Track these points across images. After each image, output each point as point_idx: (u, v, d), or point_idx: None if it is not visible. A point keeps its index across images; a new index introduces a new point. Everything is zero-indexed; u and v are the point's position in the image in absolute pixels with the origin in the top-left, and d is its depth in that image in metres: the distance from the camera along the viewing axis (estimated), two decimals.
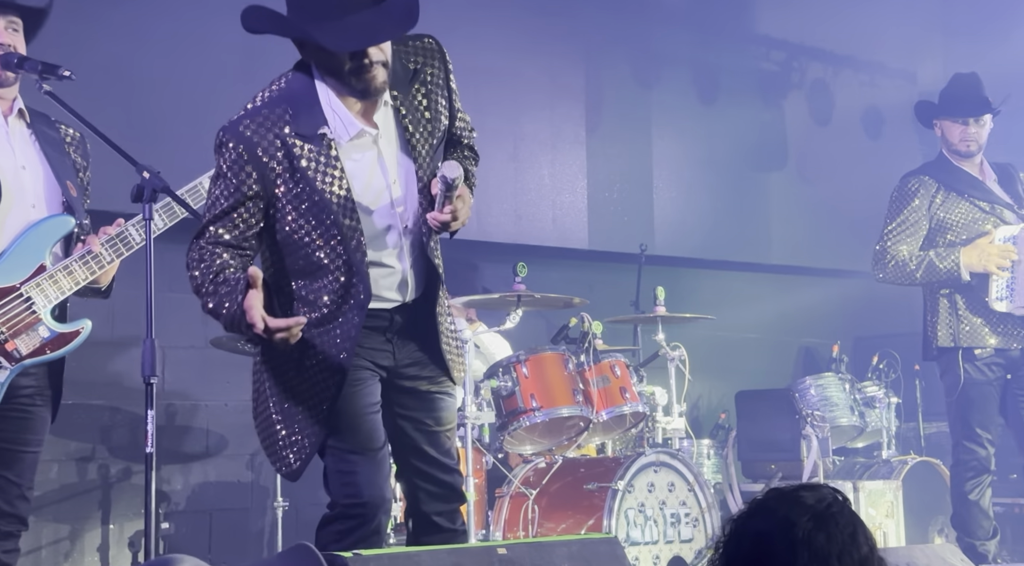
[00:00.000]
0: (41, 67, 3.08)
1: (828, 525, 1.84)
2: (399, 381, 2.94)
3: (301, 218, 2.73)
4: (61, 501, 4.95)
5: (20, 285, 3.06)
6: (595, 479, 4.55)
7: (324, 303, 2.78)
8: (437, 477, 2.97)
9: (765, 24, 7.34)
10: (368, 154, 2.80)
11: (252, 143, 2.72)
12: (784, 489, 1.96)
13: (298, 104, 2.77)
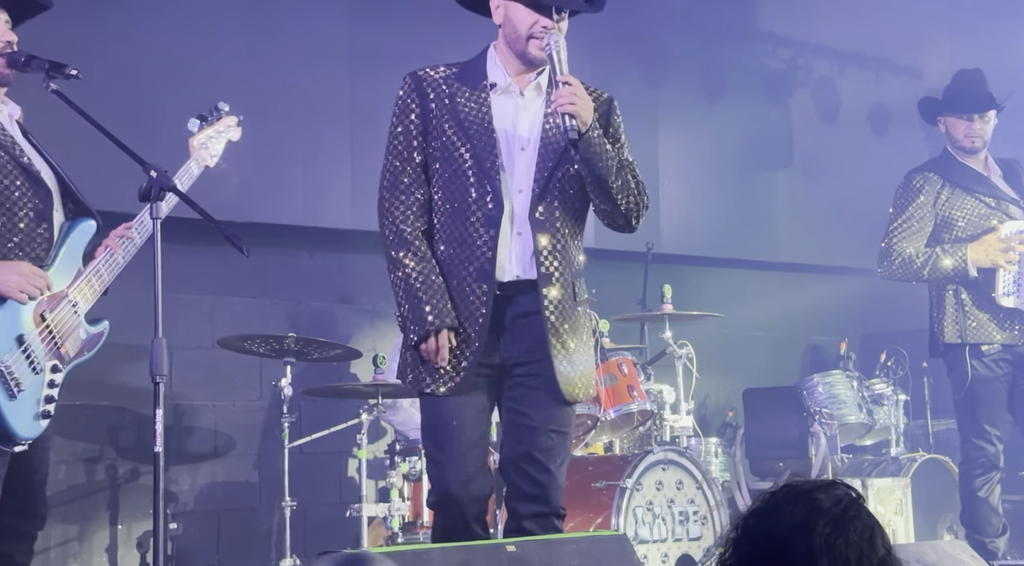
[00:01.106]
0: (48, 66, 3.07)
1: (847, 530, 1.81)
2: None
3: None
4: (69, 502, 4.95)
5: (68, 290, 3.12)
6: (603, 477, 4.55)
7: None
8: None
9: (771, 22, 7.33)
10: (509, 106, 3.11)
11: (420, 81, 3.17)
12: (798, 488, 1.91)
13: (466, 65, 3.21)
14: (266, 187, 5.41)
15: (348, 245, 5.82)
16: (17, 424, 2.94)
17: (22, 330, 2.96)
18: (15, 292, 2.93)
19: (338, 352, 4.94)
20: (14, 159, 3.05)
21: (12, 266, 2.96)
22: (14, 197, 3.02)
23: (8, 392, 2.89)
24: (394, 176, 3.14)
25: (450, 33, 6.12)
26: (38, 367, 2.99)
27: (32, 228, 3.05)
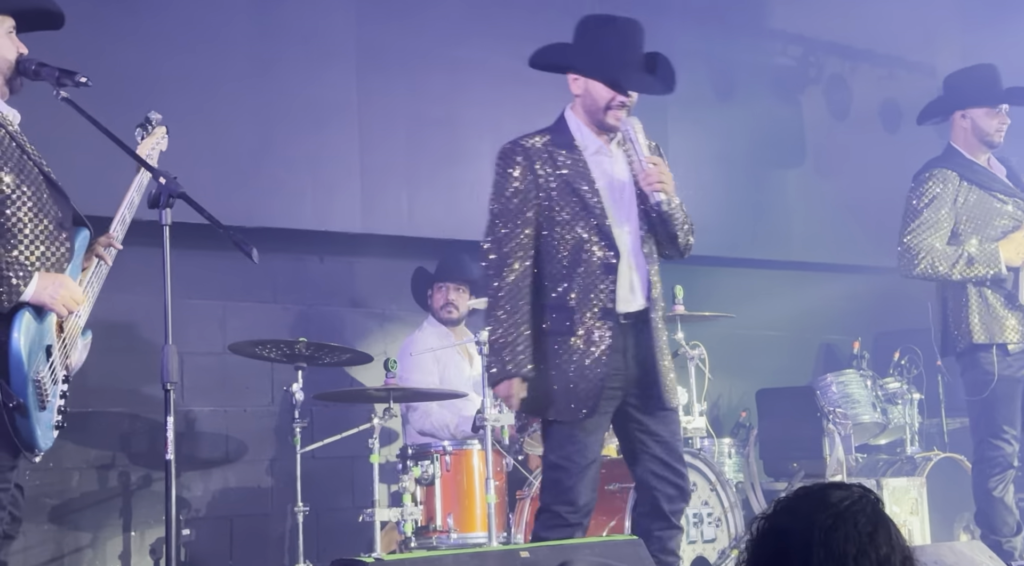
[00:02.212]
0: (58, 74, 3.07)
1: (846, 524, 1.80)
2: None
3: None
4: (82, 509, 4.95)
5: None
6: (616, 480, 4.52)
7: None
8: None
9: (781, 19, 7.29)
10: (605, 163, 3.60)
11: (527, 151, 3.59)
12: (812, 487, 1.93)
13: (552, 130, 3.67)
14: (275, 191, 5.40)
15: (358, 249, 5.81)
16: (43, 435, 2.96)
17: (49, 342, 2.99)
18: (60, 306, 2.94)
19: (349, 356, 4.93)
20: (38, 167, 3.06)
21: (56, 279, 2.96)
22: (46, 210, 3.03)
23: (40, 403, 2.91)
24: (509, 238, 3.57)
25: (458, 34, 6.12)
26: (56, 378, 3.01)
27: (54, 236, 3.05)
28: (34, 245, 3.00)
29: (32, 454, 2.97)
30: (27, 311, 2.90)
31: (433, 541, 4.54)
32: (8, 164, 2.98)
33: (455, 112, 6.02)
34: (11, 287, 2.87)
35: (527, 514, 4.61)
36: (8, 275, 2.88)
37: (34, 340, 2.91)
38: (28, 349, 2.87)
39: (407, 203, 5.83)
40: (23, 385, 2.85)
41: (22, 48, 3.13)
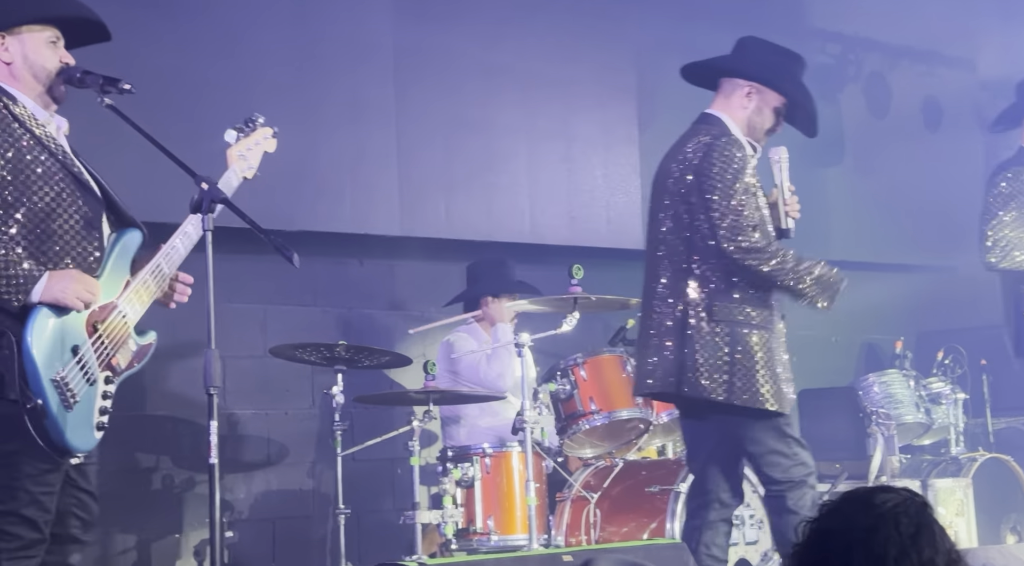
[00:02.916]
0: (103, 81, 3.09)
1: (887, 526, 1.79)
2: None
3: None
4: (127, 511, 4.99)
5: (117, 300, 3.10)
6: (657, 482, 4.51)
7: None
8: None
9: (819, 17, 7.24)
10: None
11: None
12: (858, 490, 1.92)
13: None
14: (314, 195, 5.43)
15: (397, 252, 5.83)
16: (73, 436, 2.92)
17: (77, 341, 2.95)
18: (72, 299, 2.92)
19: (388, 359, 4.95)
20: (65, 167, 3.06)
21: (67, 274, 2.95)
22: (65, 204, 3.03)
23: (64, 403, 2.88)
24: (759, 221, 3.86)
25: (495, 38, 6.13)
26: (92, 378, 2.98)
27: (82, 236, 3.06)
28: (53, 243, 3.00)
29: (64, 457, 2.94)
30: (42, 310, 2.89)
31: (474, 543, 4.55)
32: (9, 152, 2.98)
33: (491, 115, 6.03)
34: (18, 285, 2.88)
35: (567, 516, 4.61)
36: (15, 273, 2.88)
37: (52, 339, 2.90)
38: (43, 349, 2.86)
39: (445, 206, 5.85)
40: (40, 386, 2.84)
41: (67, 58, 3.15)
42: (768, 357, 3.73)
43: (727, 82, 3.95)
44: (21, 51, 3.09)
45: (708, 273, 3.75)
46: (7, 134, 2.98)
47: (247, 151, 3.51)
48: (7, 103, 3.03)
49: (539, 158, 6.22)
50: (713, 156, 3.76)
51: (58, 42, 3.15)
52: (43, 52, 3.11)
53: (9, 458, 2.91)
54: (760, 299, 3.79)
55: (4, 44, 3.08)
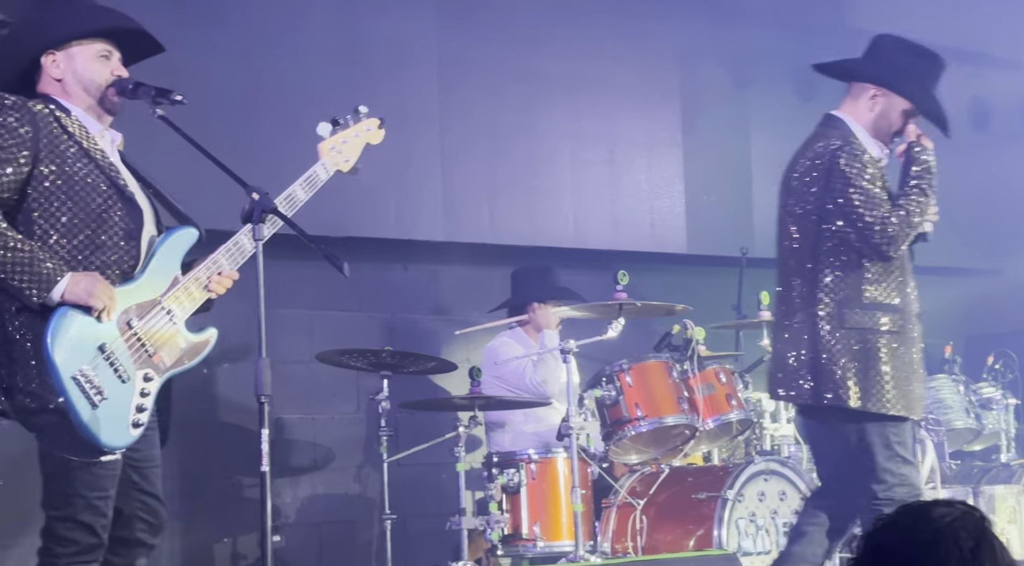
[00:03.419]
0: (155, 92, 3.13)
1: (946, 540, 1.77)
2: None
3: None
4: (175, 516, 5.03)
5: (161, 297, 3.09)
6: (704, 488, 4.49)
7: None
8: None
9: (864, 17, 7.16)
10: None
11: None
12: (914, 504, 1.90)
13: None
14: (359, 202, 5.46)
15: (441, 257, 5.85)
16: (102, 433, 2.89)
17: (104, 339, 2.94)
18: (94, 299, 2.91)
19: (434, 365, 4.96)
20: (110, 180, 3.10)
21: (90, 275, 2.96)
22: (106, 216, 3.06)
23: (89, 401, 2.87)
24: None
25: (537, 44, 6.13)
26: (125, 376, 2.96)
27: (122, 247, 3.08)
28: (94, 253, 3.03)
29: (95, 455, 2.92)
30: (63, 309, 2.90)
31: (520, 549, 4.55)
32: (55, 163, 3.02)
33: (535, 120, 6.04)
34: (39, 282, 2.89)
35: (613, 523, 4.60)
36: (38, 270, 2.89)
37: (75, 337, 2.89)
38: (63, 347, 2.86)
39: (488, 211, 5.86)
40: (61, 384, 2.84)
41: (120, 71, 3.19)
42: (896, 363, 3.69)
43: (855, 84, 3.94)
44: (71, 67, 3.14)
45: (839, 279, 3.74)
46: (55, 145, 3.03)
47: (342, 144, 3.49)
48: (59, 116, 3.08)
49: (582, 162, 6.21)
50: (841, 161, 3.75)
51: (111, 56, 3.19)
52: (92, 66, 3.15)
53: (62, 465, 2.94)
54: (890, 305, 3.76)
55: (55, 61, 3.13)
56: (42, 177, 2.99)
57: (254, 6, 5.24)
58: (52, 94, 3.12)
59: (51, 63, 3.12)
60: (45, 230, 2.99)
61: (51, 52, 3.12)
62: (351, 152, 3.51)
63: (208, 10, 5.09)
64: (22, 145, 2.96)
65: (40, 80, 3.14)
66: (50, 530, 3.00)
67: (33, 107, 3.02)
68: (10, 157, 2.94)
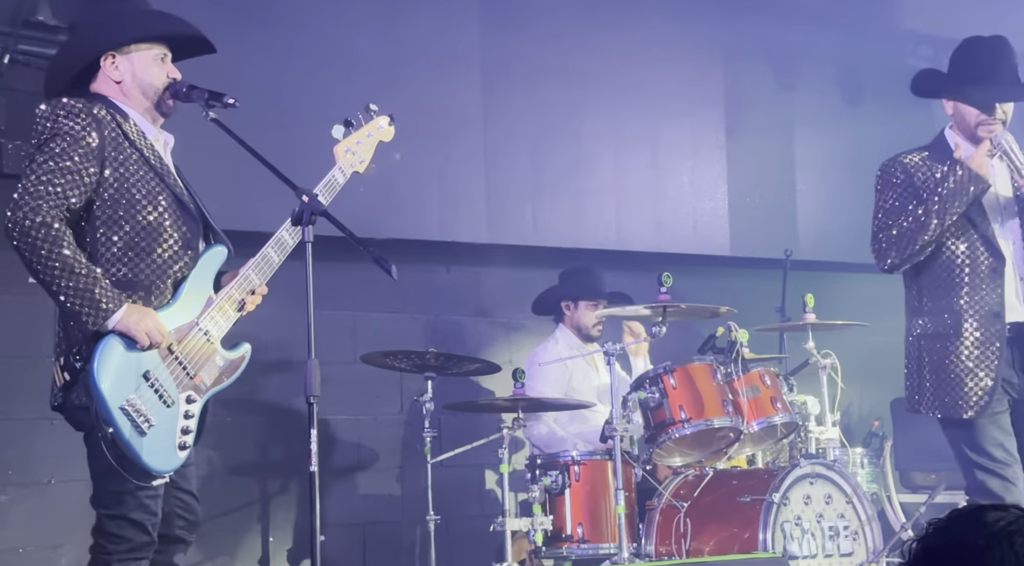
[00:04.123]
0: (208, 95, 3.16)
1: (1002, 545, 1.75)
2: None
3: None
4: (222, 515, 5.09)
5: (197, 319, 3.13)
6: (748, 491, 4.45)
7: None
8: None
9: (911, 18, 7.10)
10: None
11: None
12: (967, 508, 1.88)
13: (931, 148, 4.05)
14: (403, 204, 5.49)
15: (483, 259, 5.87)
16: (152, 459, 2.95)
17: (147, 366, 2.97)
18: (141, 333, 2.95)
19: (477, 366, 4.97)
20: (168, 188, 3.13)
21: (143, 310, 2.98)
22: (165, 225, 3.10)
23: (138, 429, 2.92)
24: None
25: (580, 46, 6.13)
26: (169, 400, 3.00)
27: (179, 255, 3.12)
28: (153, 261, 3.06)
29: (145, 479, 2.97)
30: (110, 339, 2.93)
31: (563, 551, 4.55)
32: (118, 170, 3.05)
33: (578, 122, 6.04)
34: (100, 311, 2.92)
35: (657, 525, 4.58)
36: (98, 298, 2.92)
37: (121, 367, 2.93)
38: (110, 378, 2.90)
39: (531, 213, 5.87)
40: (109, 414, 2.88)
41: (174, 73, 3.23)
42: (940, 364, 3.89)
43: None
44: (131, 70, 3.17)
45: (910, 290, 4.08)
46: (118, 153, 3.06)
47: (356, 145, 3.51)
48: (120, 122, 3.10)
49: (626, 164, 6.20)
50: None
51: (166, 58, 3.23)
52: (151, 69, 3.18)
53: (114, 467, 2.97)
54: (935, 308, 3.93)
55: (115, 63, 3.17)
56: (107, 185, 3.02)
57: (298, 7, 5.28)
58: (109, 96, 3.15)
59: (111, 65, 3.16)
60: (108, 237, 3.03)
61: (111, 54, 3.15)
62: (365, 152, 3.55)
63: (253, 11, 5.13)
64: (90, 155, 3.00)
65: (96, 80, 3.17)
66: (102, 528, 3.04)
67: (98, 113, 3.05)
68: (80, 168, 2.97)
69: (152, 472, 2.97)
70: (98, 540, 3.05)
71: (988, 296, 3.83)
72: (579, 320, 5.46)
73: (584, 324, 5.44)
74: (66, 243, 2.92)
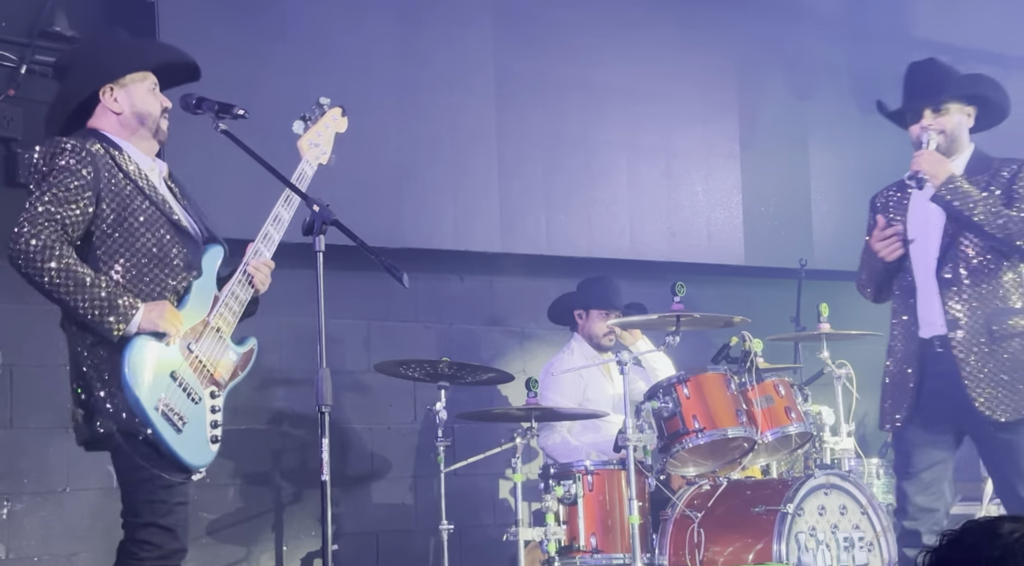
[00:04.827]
0: (218, 107, 3.23)
1: (1016, 557, 1.75)
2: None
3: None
4: (236, 523, 5.11)
5: (208, 318, 3.21)
6: (762, 502, 4.43)
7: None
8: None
9: (926, 27, 7.08)
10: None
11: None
12: (981, 520, 1.87)
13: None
14: (417, 213, 5.51)
15: (497, 268, 5.87)
16: (189, 455, 3.07)
17: (174, 365, 3.07)
18: (167, 325, 3.04)
19: (490, 375, 4.97)
20: (165, 215, 3.21)
21: (160, 304, 3.08)
22: (171, 254, 3.18)
23: (174, 427, 3.02)
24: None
25: (593, 57, 6.14)
26: (196, 397, 3.10)
27: (182, 277, 3.20)
28: (155, 285, 3.14)
29: (186, 475, 3.08)
30: (137, 341, 3.00)
31: (577, 561, 4.53)
32: (115, 202, 3.13)
33: (592, 132, 6.04)
34: (120, 316, 2.99)
35: (671, 535, 4.56)
36: (118, 305, 3.00)
37: (151, 368, 3.01)
38: (143, 380, 2.98)
39: (545, 223, 5.88)
40: (146, 416, 2.97)
41: (166, 102, 3.32)
42: (888, 380, 4.06)
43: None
44: (129, 101, 3.26)
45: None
46: (114, 184, 3.14)
47: (317, 137, 3.60)
48: (114, 154, 3.19)
49: (639, 174, 6.20)
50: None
51: (156, 88, 3.32)
52: (147, 99, 3.27)
53: (144, 474, 3.04)
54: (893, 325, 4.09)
55: (114, 96, 3.25)
56: (103, 217, 3.11)
57: (316, 22, 5.31)
58: (104, 129, 3.23)
59: (110, 98, 3.24)
60: (110, 266, 3.10)
61: (109, 87, 3.24)
62: (326, 144, 3.64)
63: (270, 25, 5.17)
64: (85, 187, 3.07)
65: (94, 115, 3.25)
66: (134, 536, 3.10)
67: (91, 148, 3.13)
68: (76, 198, 3.05)
69: (191, 468, 3.09)
70: (130, 548, 3.10)
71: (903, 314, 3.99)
72: (590, 329, 5.46)
73: (594, 333, 5.44)
74: (71, 260, 3.00)
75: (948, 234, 3.90)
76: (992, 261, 3.88)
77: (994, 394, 3.79)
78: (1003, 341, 3.82)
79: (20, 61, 4.72)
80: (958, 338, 3.84)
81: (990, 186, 3.92)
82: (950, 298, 3.87)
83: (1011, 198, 3.88)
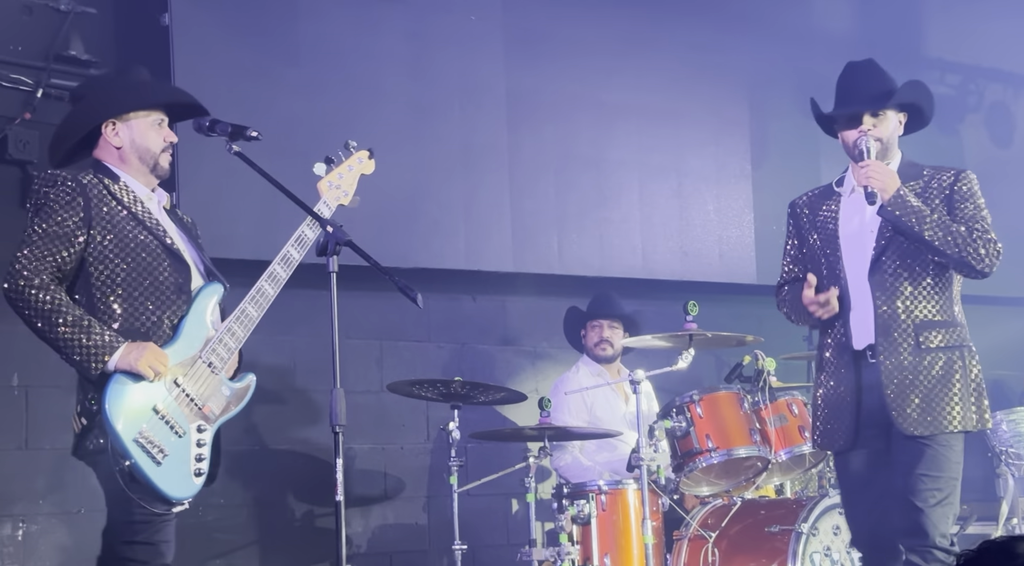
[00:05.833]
0: (231, 129, 3.26)
1: None
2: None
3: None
4: (250, 544, 5.11)
5: (200, 353, 3.24)
6: (777, 521, 4.43)
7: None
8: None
9: (937, 46, 7.09)
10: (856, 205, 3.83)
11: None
12: (996, 540, 1.88)
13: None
14: (429, 233, 5.52)
15: (509, 288, 5.88)
16: (168, 487, 3.09)
17: (156, 400, 3.10)
18: (144, 367, 3.08)
19: (503, 395, 4.98)
20: (157, 238, 3.26)
21: (142, 345, 3.11)
22: (164, 278, 3.23)
23: (153, 460, 3.05)
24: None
25: (605, 77, 6.16)
26: (180, 431, 3.13)
27: (172, 301, 3.24)
28: (149, 308, 3.19)
29: (166, 506, 3.11)
30: (117, 377, 3.07)
31: None
32: (107, 227, 3.19)
33: (603, 151, 6.06)
34: (95, 355, 3.05)
35: (685, 555, 4.55)
36: (92, 343, 3.06)
37: (131, 402, 3.06)
38: (122, 413, 3.03)
39: (557, 242, 5.89)
40: (124, 447, 3.01)
41: (171, 137, 3.37)
42: (821, 398, 3.80)
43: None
44: (129, 136, 3.33)
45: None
46: (107, 212, 3.21)
47: (339, 179, 3.60)
48: (108, 184, 3.26)
49: (651, 193, 6.21)
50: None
51: (163, 123, 3.38)
52: (148, 135, 3.34)
53: (126, 494, 3.06)
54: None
55: (115, 130, 3.32)
56: (96, 242, 3.17)
57: (326, 43, 5.34)
58: (106, 160, 3.32)
59: (111, 132, 3.32)
60: (104, 293, 3.17)
61: (112, 122, 3.31)
62: (348, 185, 3.64)
63: (283, 47, 5.20)
64: (75, 217, 3.15)
65: (98, 146, 3.33)
66: (117, 554, 3.13)
67: (83, 179, 3.21)
68: (66, 231, 3.13)
69: (171, 500, 3.11)
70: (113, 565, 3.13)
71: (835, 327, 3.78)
72: (587, 342, 5.47)
73: (588, 345, 5.45)
74: (60, 300, 3.08)
75: (882, 241, 3.72)
76: (927, 270, 3.71)
77: (913, 407, 3.59)
78: (928, 354, 3.66)
79: (36, 85, 4.77)
80: (885, 345, 3.64)
81: (926, 194, 3.75)
82: (881, 305, 3.66)
83: (951, 211, 3.72)
